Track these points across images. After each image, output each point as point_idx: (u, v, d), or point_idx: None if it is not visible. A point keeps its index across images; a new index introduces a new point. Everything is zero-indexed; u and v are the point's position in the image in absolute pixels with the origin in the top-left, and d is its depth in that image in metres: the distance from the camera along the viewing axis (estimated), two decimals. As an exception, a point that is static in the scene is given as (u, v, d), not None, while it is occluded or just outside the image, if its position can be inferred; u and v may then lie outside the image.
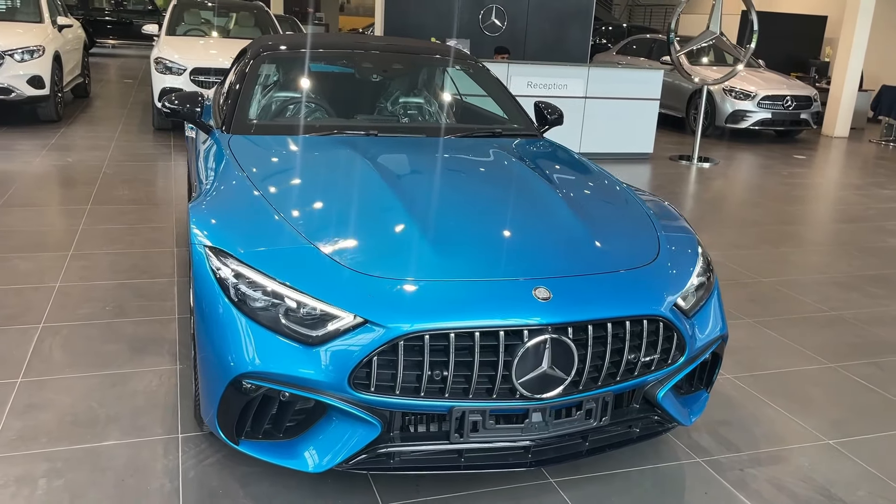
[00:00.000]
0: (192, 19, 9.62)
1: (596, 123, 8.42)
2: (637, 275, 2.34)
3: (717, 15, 8.66)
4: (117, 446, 2.53)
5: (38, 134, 7.75)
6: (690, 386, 2.60)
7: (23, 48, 7.74)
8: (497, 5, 9.60)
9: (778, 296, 4.41)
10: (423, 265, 2.19)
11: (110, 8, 18.62)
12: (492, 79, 4.07)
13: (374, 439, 2.09)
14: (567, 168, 3.27)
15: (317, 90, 3.96)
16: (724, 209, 6.76)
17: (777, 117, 10.61)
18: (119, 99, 10.87)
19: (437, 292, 2.12)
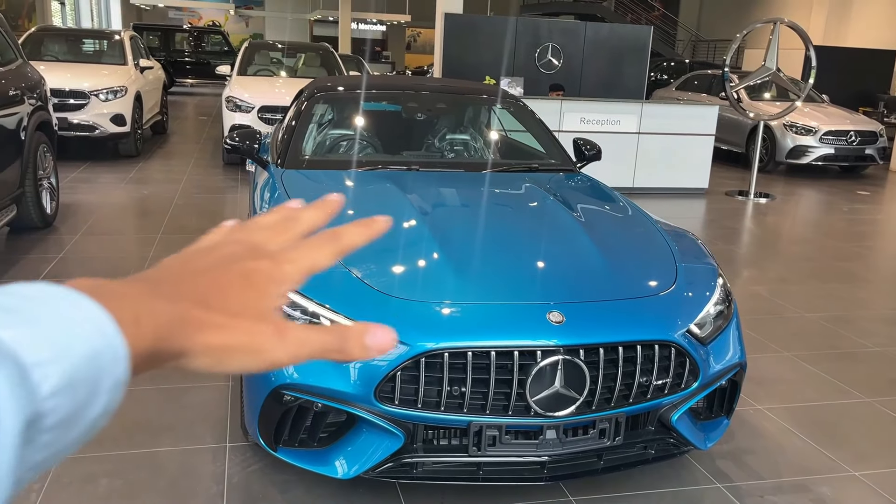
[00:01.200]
0: (262, 60, 10.16)
1: (649, 159, 8.49)
2: (650, 302, 2.46)
3: (774, 51, 8.65)
4: (171, 452, 2.77)
5: (119, 168, 8.31)
6: (710, 412, 2.69)
7: (107, 89, 8.34)
8: (553, 44, 9.83)
9: (820, 331, 4.41)
10: (445, 289, 2.38)
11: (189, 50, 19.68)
12: (532, 116, 4.27)
13: (398, 450, 2.26)
14: (594, 200, 3.42)
15: (365, 128, 4.23)
16: (775, 244, 6.72)
17: (840, 153, 10.44)
18: (194, 135, 11.50)
19: (457, 314, 2.30)
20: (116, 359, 0.38)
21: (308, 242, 0.52)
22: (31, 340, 0.34)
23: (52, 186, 5.85)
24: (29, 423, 0.33)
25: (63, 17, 18.35)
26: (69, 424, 0.36)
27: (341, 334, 0.47)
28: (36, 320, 0.35)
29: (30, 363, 0.34)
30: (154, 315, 0.41)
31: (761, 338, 4.20)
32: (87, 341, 0.36)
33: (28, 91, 5.41)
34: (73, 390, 0.35)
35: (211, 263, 0.48)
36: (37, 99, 5.56)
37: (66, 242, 5.38)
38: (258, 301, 0.46)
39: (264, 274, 0.48)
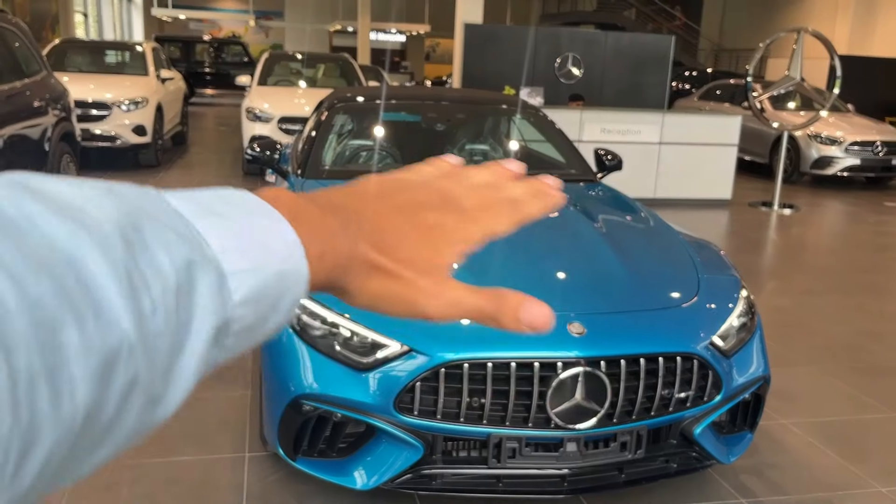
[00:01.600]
0: (281, 71, 10.24)
1: (671, 169, 8.44)
2: (672, 313, 2.43)
3: (798, 60, 8.58)
4: (191, 461, 2.77)
5: (139, 178, 8.39)
6: (734, 426, 2.64)
7: (129, 100, 8.44)
8: (574, 53, 9.81)
9: (847, 344, 4.33)
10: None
11: (210, 61, 19.90)
12: (552, 126, 4.25)
13: (417, 461, 2.24)
14: (616, 211, 3.40)
15: (385, 138, 4.24)
16: (800, 256, 6.64)
17: (867, 163, 10.31)
18: (214, 145, 11.60)
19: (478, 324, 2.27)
20: (299, 282, 0.40)
21: (492, 208, 0.52)
22: (234, 250, 0.36)
23: (76, 196, 5.91)
24: (220, 326, 0.35)
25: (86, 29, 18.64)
26: (249, 333, 0.38)
27: (498, 302, 0.47)
28: (240, 232, 0.37)
29: (229, 271, 0.36)
30: (336, 255, 0.43)
31: (786, 351, 4.14)
32: (280, 261, 0.39)
33: (52, 102, 5.49)
34: (258, 303, 0.38)
35: (402, 204, 0.49)
36: (60, 110, 5.63)
37: (88, 251, 5.43)
38: (430, 255, 0.47)
39: (446, 232, 0.49)
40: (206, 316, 0.34)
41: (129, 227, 0.32)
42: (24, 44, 5.53)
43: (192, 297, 0.34)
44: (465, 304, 0.47)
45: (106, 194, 0.33)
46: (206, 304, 0.34)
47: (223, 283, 0.35)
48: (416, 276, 0.46)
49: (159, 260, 0.32)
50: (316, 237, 0.41)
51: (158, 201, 0.35)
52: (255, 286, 0.37)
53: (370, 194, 0.49)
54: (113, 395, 0.30)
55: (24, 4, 13.16)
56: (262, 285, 0.37)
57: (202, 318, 0.34)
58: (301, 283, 0.40)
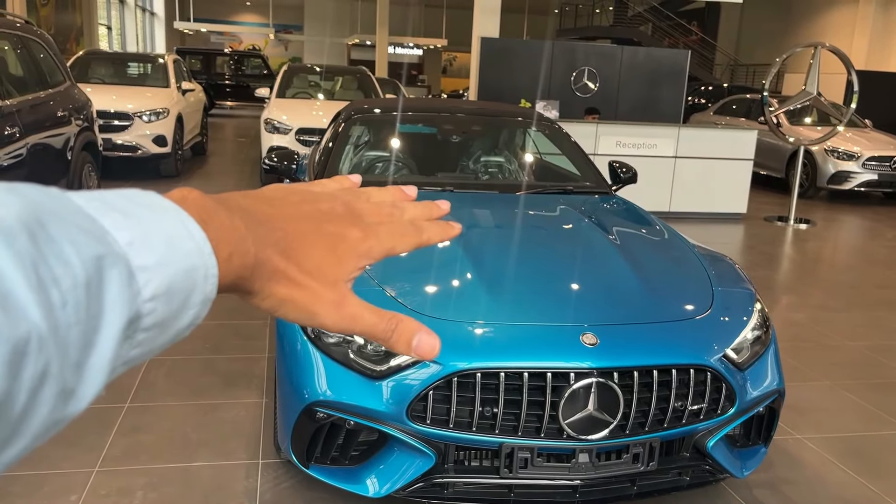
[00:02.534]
0: (300, 83, 10.34)
1: (686, 183, 8.42)
2: (686, 325, 2.43)
3: (814, 75, 8.54)
4: (205, 467, 2.80)
5: (158, 187, 8.29)
6: (748, 440, 2.63)
7: (150, 110, 8.55)
8: (590, 67, 9.84)
9: (863, 360, 4.30)
10: (479, 309, 2.38)
11: (230, 73, 20.11)
12: (567, 139, 4.27)
13: (429, 469, 2.25)
14: (630, 223, 3.40)
15: (401, 149, 4.28)
16: (816, 271, 6.60)
17: (884, 179, 10.23)
18: (232, 156, 11.71)
19: (490, 334, 2.29)
20: (208, 277, 0.41)
21: (395, 227, 0.55)
22: (141, 247, 0.37)
23: (96, 205, 5.99)
24: (130, 320, 0.36)
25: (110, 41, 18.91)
26: (162, 328, 0.39)
27: (393, 325, 0.50)
28: (147, 228, 0.38)
29: (136, 266, 0.37)
30: (244, 256, 0.44)
31: (802, 366, 4.11)
32: (187, 257, 0.40)
33: (75, 112, 5.58)
34: (169, 298, 0.39)
35: (308, 213, 0.50)
36: (83, 120, 5.73)
37: (107, 259, 5.50)
38: (334, 267, 0.49)
39: (350, 244, 0.50)
40: (117, 309, 0.35)
41: (34, 223, 0.32)
42: (49, 55, 5.64)
43: (101, 290, 0.34)
44: (362, 321, 0.49)
45: (8, 192, 0.33)
46: (116, 298, 0.35)
47: (132, 278, 0.36)
48: (320, 286, 0.48)
49: (67, 254, 0.33)
50: (224, 239, 0.43)
51: (63, 199, 0.36)
52: (164, 281, 0.38)
53: (278, 200, 0.51)
54: (24, 385, 0.30)
55: (49, 17, 13.39)
56: (170, 280, 0.38)
57: (112, 312, 0.35)
58: (210, 281, 0.41)
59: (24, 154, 4.50)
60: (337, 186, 0.58)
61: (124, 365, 0.38)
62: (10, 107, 4.50)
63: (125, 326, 0.36)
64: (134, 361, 0.39)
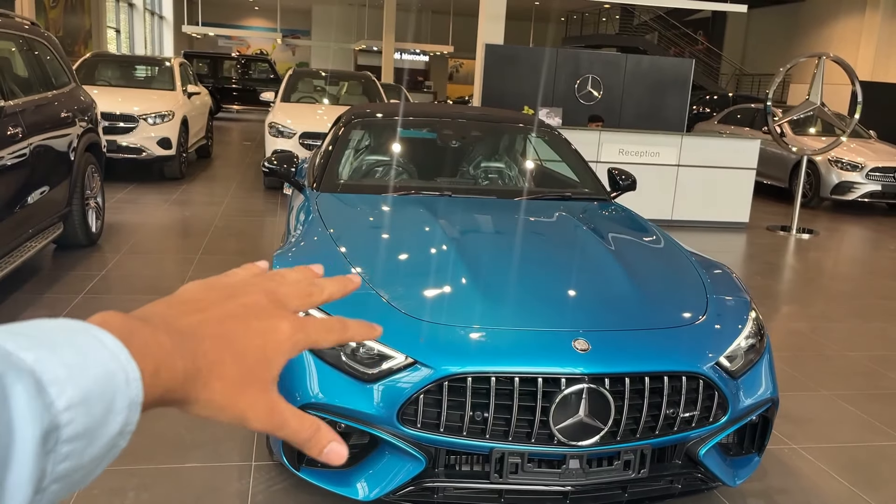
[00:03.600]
0: (305, 87, 10.37)
1: (689, 192, 8.42)
2: (679, 332, 2.43)
3: (818, 85, 8.54)
4: (198, 469, 2.80)
5: (163, 190, 8.52)
6: (741, 448, 2.62)
7: (155, 113, 8.59)
8: (593, 75, 9.85)
9: (862, 370, 4.28)
10: (471, 313, 2.38)
11: (236, 77, 20.18)
12: (566, 146, 4.27)
13: (419, 473, 2.25)
14: (627, 230, 3.40)
15: (401, 154, 4.29)
16: (817, 281, 6.58)
17: (888, 189, 10.20)
18: (237, 159, 11.75)
19: (482, 339, 2.29)
20: (129, 381, 0.41)
21: (322, 321, 0.56)
22: (49, 361, 0.38)
23: (99, 206, 6.03)
24: (47, 432, 0.36)
25: (118, 44, 19.01)
26: (88, 438, 0.39)
27: (312, 432, 0.52)
28: (54, 346, 0.39)
29: (47, 380, 0.37)
30: (171, 368, 0.45)
31: (800, 375, 4.10)
32: (101, 364, 0.40)
33: (79, 114, 5.61)
34: (88, 405, 0.39)
35: (232, 312, 0.51)
36: (87, 121, 5.75)
37: (109, 260, 5.52)
38: (264, 370, 0.50)
39: (278, 340, 0.51)
40: (28, 423, 0.35)
41: None
42: (55, 57, 5.67)
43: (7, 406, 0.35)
44: (287, 427, 0.51)
45: None
46: (25, 412, 0.35)
47: (41, 390, 0.37)
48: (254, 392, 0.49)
49: None
50: (149, 354, 0.43)
51: None
52: (79, 390, 0.38)
53: (201, 301, 0.51)
54: None
55: (58, 19, 13.47)
56: (86, 388, 0.39)
57: (23, 426, 0.35)
58: (133, 385, 0.42)
59: (28, 154, 4.52)
60: (248, 274, 0.58)
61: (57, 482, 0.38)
62: (13, 107, 4.52)
63: (41, 439, 0.36)
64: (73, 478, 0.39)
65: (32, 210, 4.64)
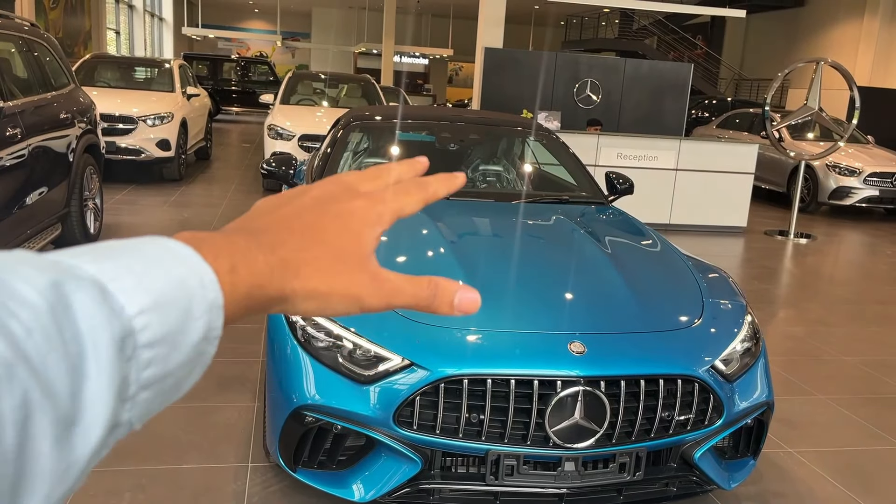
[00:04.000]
0: (304, 90, 10.38)
1: (687, 196, 8.43)
2: (675, 336, 2.44)
3: (816, 90, 8.56)
4: (195, 469, 2.80)
5: (162, 191, 8.52)
6: (736, 452, 2.63)
7: (154, 114, 8.59)
8: (592, 79, 9.87)
9: (858, 375, 4.29)
10: (468, 316, 2.39)
11: (236, 79, 20.20)
12: (564, 149, 4.28)
13: (415, 475, 2.26)
14: (624, 234, 3.41)
15: (399, 157, 4.30)
16: (815, 285, 6.59)
17: (885, 195, 10.23)
18: (236, 161, 11.75)
19: (479, 341, 2.30)
20: (204, 283, 0.40)
21: (399, 187, 0.54)
22: (113, 271, 0.37)
23: (97, 207, 6.03)
24: (121, 338, 0.35)
25: (118, 45, 19.02)
26: (170, 343, 0.38)
27: (433, 289, 0.49)
28: (118, 256, 0.38)
29: (112, 288, 0.36)
30: (251, 263, 0.43)
31: (796, 380, 4.11)
32: (171, 269, 0.39)
33: (78, 115, 5.61)
34: (162, 311, 0.38)
35: (307, 204, 0.50)
36: (86, 122, 5.76)
37: (106, 261, 5.52)
38: (355, 244, 0.48)
39: (359, 215, 0.49)
40: (97, 329, 0.35)
41: None
42: (54, 58, 5.68)
43: (70, 313, 0.34)
44: (403, 294, 0.49)
45: None
46: (92, 318, 0.35)
47: (107, 296, 0.36)
48: (352, 268, 0.47)
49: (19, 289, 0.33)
50: (221, 254, 0.42)
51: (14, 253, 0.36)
52: (149, 294, 0.37)
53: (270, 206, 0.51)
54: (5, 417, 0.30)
55: (57, 20, 13.48)
56: (157, 292, 0.38)
57: (92, 332, 0.34)
58: (210, 287, 0.40)
59: (26, 155, 4.53)
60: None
61: (146, 389, 0.37)
62: (13, 108, 4.53)
63: (116, 345, 0.35)
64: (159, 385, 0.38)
65: (31, 211, 4.64)
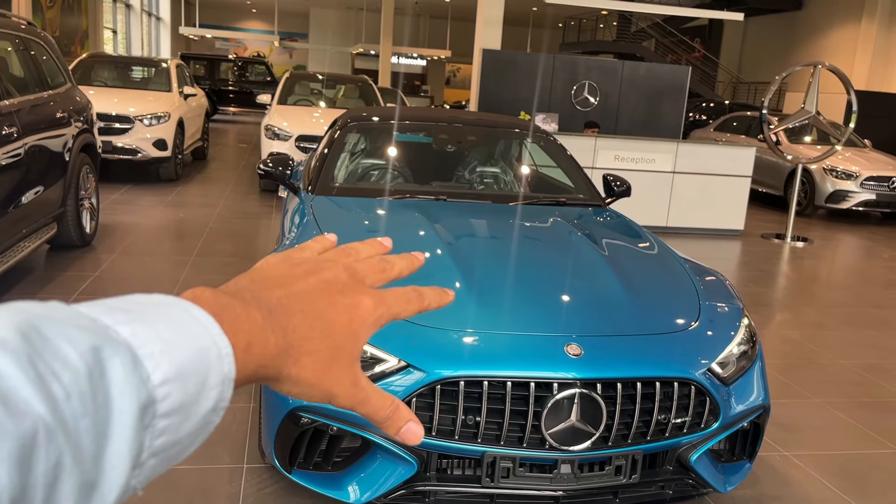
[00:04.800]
0: (302, 90, 10.37)
1: (684, 199, 8.44)
2: (671, 338, 2.44)
3: (814, 94, 8.58)
4: (190, 470, 2.79)
5: (158, 191, 8.51)
6: (732, 455, 2.63)
7: (151, 114, 8.58)
8: (590, 81, 9.88)
9: (855, 378, 4.29)
10: (465, 317, 2.38)
11: (233, 79, 20.18)
12: (562, 151, 4.28)
13: (410, 477, 2.25)
14: (621, 237, 3.41)
15: (396, 158, 4.29)
16: (811, 289, 6.60)
17: (882, 199, 10.25)
18: (233, 162, 11.74)
19: (475, 343, 2.30)
20: (222, 356, 0.41)
21: (400, 293, 0.55)
22: (145, 336, 0.38)
23: (93, 207, 6.01)
24: (144, 406, 0.37)
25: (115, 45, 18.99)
26: (183, 413, 0.39)
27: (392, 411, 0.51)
28: (149, 320, 0.39)
29: (143, 354, 0.38)
30: (264, 344, 0.45)
31: (792, 383, 4.11)
32: (195, 339, 0.40)
33: (75, 114, 5.60)
34: (183, 380, 0.39)
35: (317, 287, 0.50)
36: (83, 122, 5.74)
37: (102, 261, 5.50)
38: (352, 345, 0.50)
39: (362, 315, 0.51)
40: (126, 396, 0.36)
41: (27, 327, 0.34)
42: (51, 57, 5.66)
43: (105, 379, 0.35)
44: (368, 405, 0.51)
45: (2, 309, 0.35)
46: (123, 386, 0.36)
47: (137, 364, 0.37)
48: (343, 367, 0.49)
49: (63, 350, 0.34)
50: (241, 329, 0.43)
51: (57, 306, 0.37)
52: (174, 365, 0.38)
53: (285, 277, 0.51)
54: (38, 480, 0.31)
55: (55, 19, 13.45)
56: (181, 363, 0.39)
57: (121, 399, 0.36)
58: (226, 360, 0.42)
59: (22, 154, 4.51)
60: (320, 248, 0.58)
61: (154, 456, 0.38)
62: (8, 107, 4.52)
63: (139, 413, 0.36)
64: (165, 453, 0.39)
65: (26, 210, 4.63)
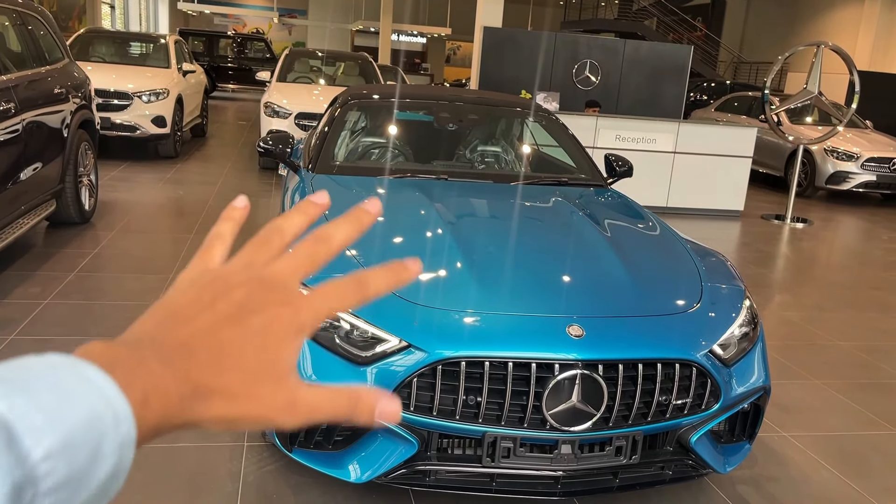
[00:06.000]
0: (301, 67, 10.29)
1: (685, 179, 8.41)
2: (673, 320, 2.43)
3: (816, 74, 8.52)
4: (190, 448, 2.80)
5: (157, 168, 8.46)
6: (732, 436, 2.64)
7: (150, 91, 8.51)
8: (592, 60, 9.81)
9: (854, 360, 4.30)
10: (466, 298, 2.38)
11: (232, 56, 20.03)
12: (564, 131, 4.25)
13: (411, 456, 2.25)
14: (623, 217, 3.40)
15: (397, 136, 4.27)
16: (811, 270, 6.60)
17: (882, 180, 10.22)
18: (232, 139, 11.68)
19: (477, 323, 2.29)
20: (119, 420, 0.38)
21: (331, 287, 0.48)
22: (24, 408, 0.35)
23: (92, 184, 5.98)
24: (19, 486, 0.34)
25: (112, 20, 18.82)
26: (74, 486, 0.36)
27: (354, 401, 0.46)
28: (32, 389, 0.36)
29: (20, 430, 0.34)
30: (163, 394, 0.41)
31: (792, 365, 4.11)
32: (86, 405, 0.37)
33: (73, 90, 5.55)
34: (71, 453, 0.36)
35: (225, 313, 0.45)
36: (81, 98, 5.70)
37: (101, 238, 5.49)
38: (272, 367, 0.45)
39: (279, 330, 0.45)
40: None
41: None
42: (48, 32, 5.60)
43: None
44: (321, 411, 0.46)
45: None
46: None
47: (13, 441, 0.34)
48: (267, 393, 0.44)
49: None
50: (135, 382, 0.40)
51: None
52: (59, 436, 0.35)
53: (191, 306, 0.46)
54: None
55: (50, -6, 13.33)
56: (67, 433, 0.36)
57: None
58: (123, 424, 0.38)
59: (20, 130, 4.48)
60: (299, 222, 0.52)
61: None
62: (6, 82, 4.47)
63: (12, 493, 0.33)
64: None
65: (25, 186, 4.60)
